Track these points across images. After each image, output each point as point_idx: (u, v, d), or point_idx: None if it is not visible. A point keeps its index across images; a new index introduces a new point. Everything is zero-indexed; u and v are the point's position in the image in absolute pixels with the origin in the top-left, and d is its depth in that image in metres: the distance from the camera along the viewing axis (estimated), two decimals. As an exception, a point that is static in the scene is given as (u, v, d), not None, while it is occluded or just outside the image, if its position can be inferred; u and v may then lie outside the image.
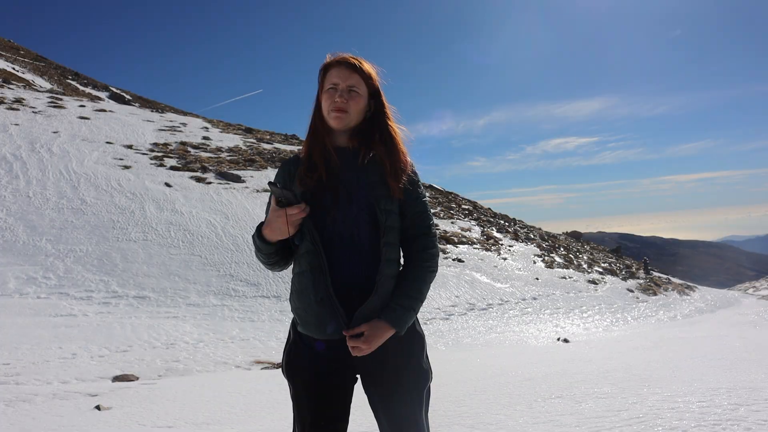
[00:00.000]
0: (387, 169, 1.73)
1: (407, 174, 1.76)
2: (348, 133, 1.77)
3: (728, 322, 12.90)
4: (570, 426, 3.20)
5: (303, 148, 1.82)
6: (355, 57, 1.76)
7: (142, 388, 5.29)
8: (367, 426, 3.23)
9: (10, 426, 3.95)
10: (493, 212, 24.94)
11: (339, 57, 1.76)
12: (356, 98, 1.73)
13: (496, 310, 11.84)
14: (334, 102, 1.71)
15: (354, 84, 1.72)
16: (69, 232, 11.44)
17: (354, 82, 1.72)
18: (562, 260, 18.29)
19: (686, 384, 4.02)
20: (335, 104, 1.71)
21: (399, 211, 1.74)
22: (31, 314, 8.03)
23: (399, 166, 1.75)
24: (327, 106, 1.73)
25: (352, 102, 1.72)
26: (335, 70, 1.73)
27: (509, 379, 4.93)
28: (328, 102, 1.72)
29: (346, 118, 1.73)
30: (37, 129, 18.79)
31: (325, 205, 1.69)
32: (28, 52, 50.71)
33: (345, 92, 1.71)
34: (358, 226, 1.68)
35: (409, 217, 1.75)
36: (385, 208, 1.69)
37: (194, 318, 8.82)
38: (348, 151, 1.76)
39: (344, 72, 1.72)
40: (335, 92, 1.71)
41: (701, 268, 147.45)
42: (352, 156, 1.76)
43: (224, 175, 17.25)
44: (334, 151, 1.75)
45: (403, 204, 1.74)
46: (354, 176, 1.73)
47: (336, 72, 1.73)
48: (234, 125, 29.23)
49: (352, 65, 1.73)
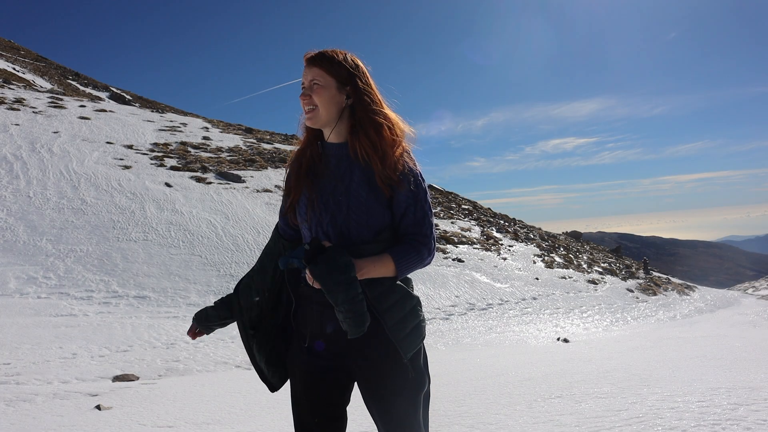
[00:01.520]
0: (377, 168, 1.61)
1: (401, 172, 1.62)
2: (332, 127, 1.68)
3: (728, 322, 12.91)
4: (570, 426, 3.20)
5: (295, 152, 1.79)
6: (319, 50, 1.67)
7: (142, 388, 5.29)
8: (366, 426, 3.24)
9: (10, 426, 3.95)
10: (493, 212, 24.94)
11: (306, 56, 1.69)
12: (318, 90, 1.63)
13: (496, 310, 11.84)
14: (302, 100, 1.67)
15: (314, 77, 1.63)
16: (69, 232, 11.45)
17: (314, 75, 1.63)
18: (562, 260, 18.29)
19: (686, 384, 4.03)
20: (302, 104, 1.67)
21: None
22: (32, 314, 8.04)
23: (387, 163, 1.61)
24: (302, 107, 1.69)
25: (315, 96, 1.63)
26: (304, 70, 1.67)
27: (509, 379, 4.94)
28: (301, 103, 1.68)
29: (316, 115, 1.65)
30: (37, 129, 18.79)
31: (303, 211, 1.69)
32: (28, 53, 50.72)
33: (308, 89, 1.64)
34: (348, 226, 1.63)
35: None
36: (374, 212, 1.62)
37: (194, 318, 8.82)
38: (338, 147, 1.70)
39: (306, 69, 1.65)
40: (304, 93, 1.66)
41: (701, 268, 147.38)
42: (340, 154, 1.69)
43: (224, 175, 17.25)
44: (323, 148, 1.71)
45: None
46: (338, 177, 1.66)
47: (304, 72, 1.67)
48: (234, 125, 29.24)
49: (311, 59, 1.65)
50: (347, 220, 1.62)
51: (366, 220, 1.62)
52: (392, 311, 1.60)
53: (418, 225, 1.65)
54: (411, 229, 1.65)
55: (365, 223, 1.62)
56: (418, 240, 1.65)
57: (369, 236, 1.62)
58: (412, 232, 1.65)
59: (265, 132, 29.33)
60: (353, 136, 1.65)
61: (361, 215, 1.62)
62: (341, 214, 1.62)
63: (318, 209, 1.65)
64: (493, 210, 25.63)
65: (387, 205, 1.64)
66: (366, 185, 1.63)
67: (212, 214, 13.65)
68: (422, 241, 1.65)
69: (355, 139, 1.64)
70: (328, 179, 1.67)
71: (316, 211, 1.65)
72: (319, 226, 1.64)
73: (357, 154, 1.64)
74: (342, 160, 1.68)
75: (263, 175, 18.15)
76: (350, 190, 1.63)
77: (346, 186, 1.64)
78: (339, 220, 1.63)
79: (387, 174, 1.61)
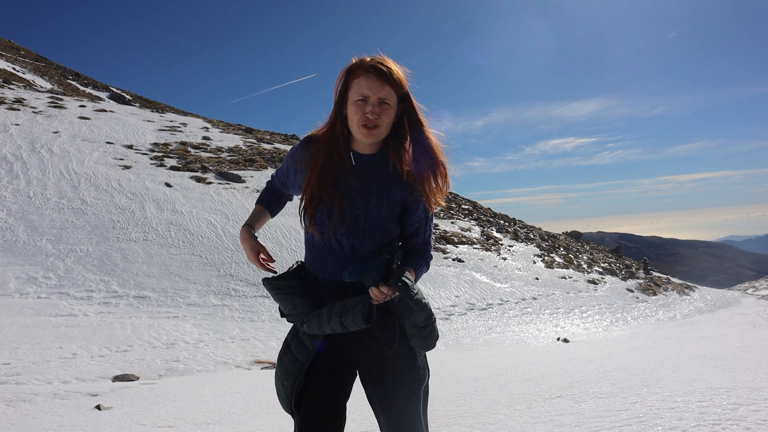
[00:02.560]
0: (429, 187, 1.68)
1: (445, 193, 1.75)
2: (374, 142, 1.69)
3: (728, 322, 12.91)
4: (570, 426, 3.20)
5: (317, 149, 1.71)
6: (384, 62, 1.63)
7: (142, 388, 5.29)
8: (366, 426, 3.24)
9: (10, 426, 3.95)
10: (493, 212, 24.94)
11: (368, 63, 1.62)
12: (388, 110, 1.62)
13: (496, 310, 11.85)
14: (365, 116, 1.61)
15: (385, 96, 1.61)
16: (69, 232, 11.45)
17: (385, 94, 1.61)
18: (562, 260, 18.29)
19: (686, 384, 4.03)
20: (366, 119, 1.60)
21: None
22: (32, 314, 8.03)
23: (442, 182, 1.71)
24: (357, 119, 1.62)
25: (384, 115, 1.62)
26: (365, 80, 1.60)
27: (509, 379, 4.94)
28: (358, 115, 1.61)
29: (378, 133, 1.63)
30: (37, 129, 18.79)
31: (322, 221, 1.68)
32: (28, 53, 50.72)
33: (376, 105, 1.60)
34: (361, 240, 1.67)
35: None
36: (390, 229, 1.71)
37: (194, 318, 8.82)
38: (368, 160, 1.70)
39: (375, 83, 1.60)
40: (365, 104, 1.61)
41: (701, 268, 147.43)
42: (375, 165, 1.69)
43: (224, 175, 17.26)
44: (353, 158, 1.69)
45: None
46: (359, 191, 1.67)
47: (366, 82, 1.60)
48: (234, 125, 29.23)
49: (383, 74, 1.60)
50: (363, 233, 1.67)
51: (381, 235, 1.69)
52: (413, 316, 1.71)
53: (426, 243, 1.79)
54: (420, 247, 1.78)
55: (379, 237, 1.68)
56: (427, 252, 1.79)
57: (377, 248, 1.69)
58: (421, 249, 1.78)
59: (265, 132, 29.33)
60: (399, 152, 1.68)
61: (378, 230, 1.68)
62: (358, 227, 1.66)
63: (346, 222, 1.66)
64: (493, 210, 25.64)
65: (398, 220, 1.73)
66: (386, 202, 1.68)
67: (212, 214, 13.65)
68: (429, 254, 1.81)
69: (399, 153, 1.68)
70: (350, 191, 1.68)
71: (343, 223, 1.65)
72: (334, 235, 1.66)
73: (396, 167, 1.68)
74: (367, 171, 1.69)
75: (263, 175, 18.15)
76: (369, 205, 1.67)
77: (365, 200, 1.67)
78: (355, 232, 1.66)
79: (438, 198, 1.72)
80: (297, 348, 1.73)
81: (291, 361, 1.71)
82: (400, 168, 1.68)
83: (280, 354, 1.76)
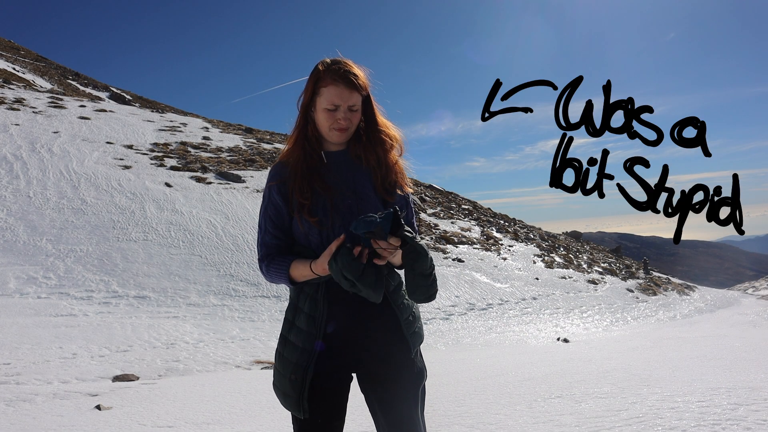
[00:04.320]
0: (377, 182, 1.78)
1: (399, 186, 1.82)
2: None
3: (728, 322, 12.90)
4: (570, 426, 3.21)
5: (292, 152, 1.80)
6: (351, 69, 1.73)
7: (142, 388, 5.29)
8: (366, 426, 3.24)
9: (10, 426, 3.96)
10: (493, 212, 24.94)
11: (336, 71, 1.71)
12: (356, 114, 1.77)
13: (496, 310, 11.85)
14: (336, 122, 1.73)
15: (354, 103, 1.74)
16: (69, 232, 11.45)
17: (354, 101, 1.74)
18: (562, 260, 18.29)
19: (686, 384, 4.03)
20: (338, 124, 1.73)
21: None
22: (32, 314, 8.04)
23: (391, 177, 1.81)
24: (328, 124, 1.73)
25: (354, 119, 1.76)
26: (334, 89, 1.70)
27: (509, 379, 4.94)
28: (330, 121, 1.73)
29: (348, 135, 1.77)
30: (37, 129, 18.79)
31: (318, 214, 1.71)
32: (28, 53, 50.73)
33: (347, 112, 1.73)
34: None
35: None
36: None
37: (194, 318, 8.82)
38: (339, 155, 1.81)
39: (344, 92, 1.71)
40: (336, 112, 1.72)
41: (701, 268, 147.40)
42: (343, 160, 1.81)
43: (224, 175, 17.25)
44: (325, 157, 1.79)
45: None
46: (344, 183, 1.77)
47: (336, 91, 1.70)
48: (234, 125, 29.22)
49: (352, 84, 1.71)
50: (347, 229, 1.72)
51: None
52: (403, 308, 1.78)
53: (410, 224, 1.82)
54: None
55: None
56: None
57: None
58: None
59: (265, 132, 29.33)
60: (356, 144, 1.80)
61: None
62: (353, 217, 1.70)
63: (341, 212, 1.72)
64: (493, 210, 25.63)
65: (384, 206, 1.79)
66: (371, 188, 1.78)
67: (212, 214, 13.65)
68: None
69: (359, 147, 1.80)
70: (336, 185, 1.76)
71: (339, 214, 1.72)
72: (332, 230, 1.71)
73: (361, 159, 1.80)
74: (342, 165, 1.80)
75: (263, 175, 18.14)
76: (358, 194, 1.75)
77: (352, 190, 1.75)
78: (338, 230, 1.71)
79: (390, 181, 1.80)
80: (296, 336, 1.72)
81: (291, 351, 1.70)
82: (365, 158, 1.80)
83: (277, 350, 1.76)
